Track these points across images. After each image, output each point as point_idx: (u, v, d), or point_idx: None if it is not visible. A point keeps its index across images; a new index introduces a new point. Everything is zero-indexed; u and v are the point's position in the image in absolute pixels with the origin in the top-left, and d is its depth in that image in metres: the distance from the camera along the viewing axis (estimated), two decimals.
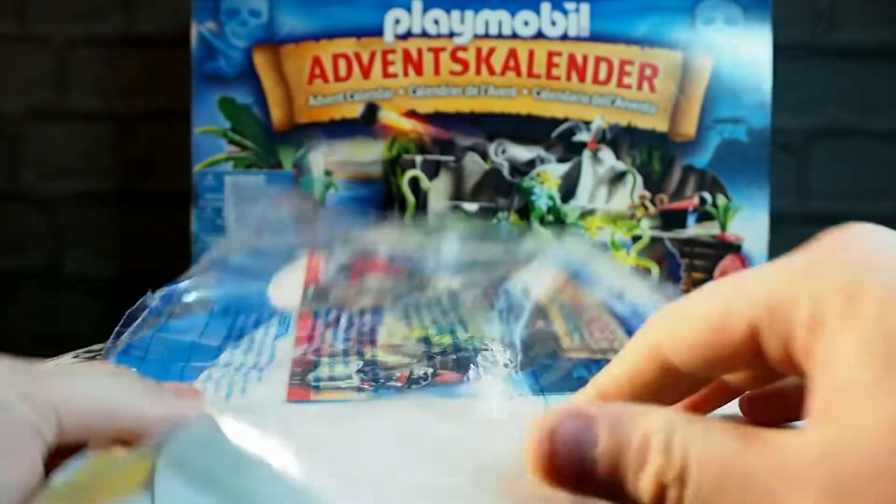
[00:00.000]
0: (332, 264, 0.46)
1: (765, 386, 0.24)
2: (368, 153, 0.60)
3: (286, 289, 0.41)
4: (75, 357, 0.39)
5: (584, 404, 0.21)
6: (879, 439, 0.17)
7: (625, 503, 0.20)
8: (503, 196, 0.61)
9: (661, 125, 0.60)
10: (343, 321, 0.38)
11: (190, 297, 0.39)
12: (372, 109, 0.60)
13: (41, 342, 0.74)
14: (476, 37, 0.60)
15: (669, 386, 0.23)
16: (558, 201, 0.60)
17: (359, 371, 0.32)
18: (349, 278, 0.44)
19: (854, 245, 0.20)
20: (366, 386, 0.30)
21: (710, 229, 0.60)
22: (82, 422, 0.23)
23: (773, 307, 0.19)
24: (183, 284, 0.40)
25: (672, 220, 0.60)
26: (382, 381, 0.31)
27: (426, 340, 0.36)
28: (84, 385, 0.23)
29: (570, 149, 0.60)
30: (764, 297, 0.20)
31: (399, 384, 0.30)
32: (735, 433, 0.19)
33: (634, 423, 0.20)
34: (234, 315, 0.39)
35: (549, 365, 0.32)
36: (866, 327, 0.18)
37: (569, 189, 0.61)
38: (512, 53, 0.60)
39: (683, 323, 0.21)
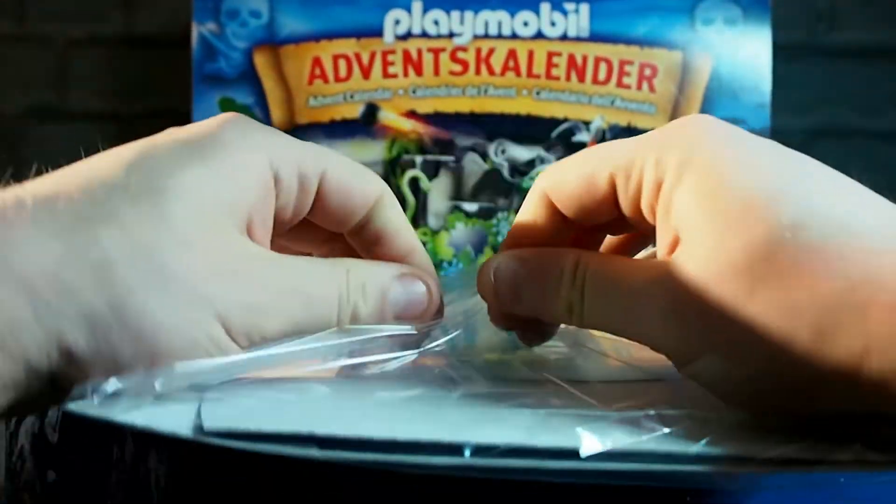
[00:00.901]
0: None
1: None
2: (368, 153, 0.60)
3: None
4: None
5: (517, 250, 0.27)
6: (704, 262, 0.22)
7: (542, 318, 0.27)
8: (503, 196, 0.61)
9: (661, 125, 0.60)
10: None
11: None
12: (372, 110, 0.60)
13: None
14: (476, 37, 0.60)
15: (561, 230, 0.28)
16: None
17: None
18: None
19: (692, 126, 0.25)
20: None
21: None
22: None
23: (625, 168, 0.25)
24: None
25: None
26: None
27: None
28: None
29: (569, 149, 0.60)
30: (621, 159, 0.25)
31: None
32: (617, 264, 0.25)
33: (553, 261, 0.26)
34: None
35: None
36: (694, 186, 0.23)
37: None
38: (511, 54, 0.60)
39: (564, 178, 0.27)
